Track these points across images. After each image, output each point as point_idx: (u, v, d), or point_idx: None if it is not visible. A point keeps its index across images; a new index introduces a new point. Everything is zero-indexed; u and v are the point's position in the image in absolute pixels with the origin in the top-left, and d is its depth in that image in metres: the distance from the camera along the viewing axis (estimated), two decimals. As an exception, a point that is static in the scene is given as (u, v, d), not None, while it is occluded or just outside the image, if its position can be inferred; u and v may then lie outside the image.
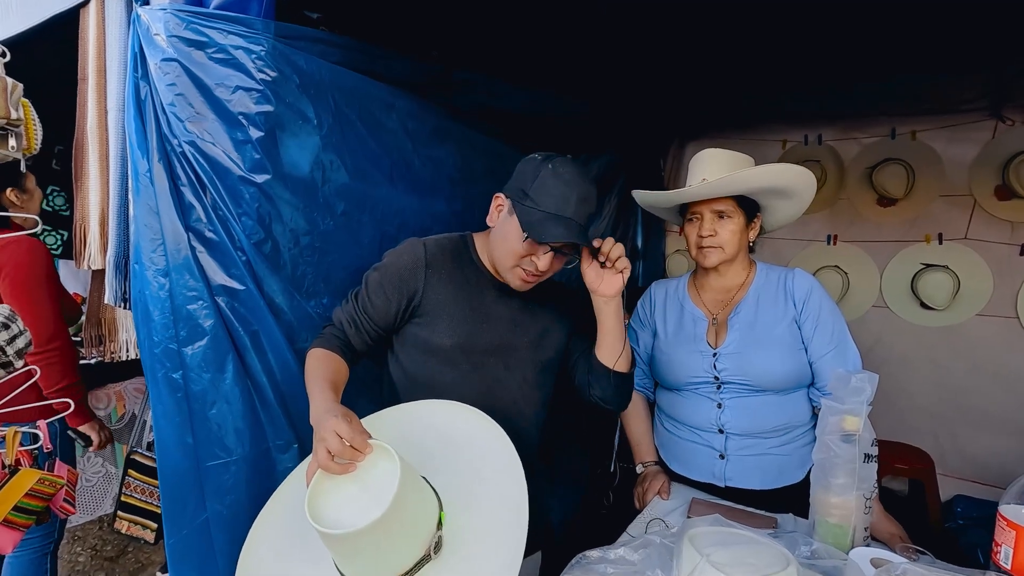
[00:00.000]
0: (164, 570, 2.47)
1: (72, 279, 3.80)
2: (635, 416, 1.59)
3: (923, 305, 2.73)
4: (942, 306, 2.68)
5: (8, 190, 1.67)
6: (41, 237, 1.87)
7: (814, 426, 1.36)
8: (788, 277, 1.41)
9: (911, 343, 2.80)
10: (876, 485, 1.07)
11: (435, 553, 0.88)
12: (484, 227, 1.27)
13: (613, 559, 0.97)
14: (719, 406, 1.39)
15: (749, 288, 1.43)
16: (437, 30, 1.86)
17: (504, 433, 1.02)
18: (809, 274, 1.42)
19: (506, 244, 1.16)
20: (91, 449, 1.81)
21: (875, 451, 1.07)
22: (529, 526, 1.31)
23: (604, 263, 1.15)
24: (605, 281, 1.16)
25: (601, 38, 2.08)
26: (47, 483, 1.10)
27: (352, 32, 1.52)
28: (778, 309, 1.39)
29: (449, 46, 1.90)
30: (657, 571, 0.92)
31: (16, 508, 1.03)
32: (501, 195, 1.20)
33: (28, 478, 1.06)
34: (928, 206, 2.73)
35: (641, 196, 1.54)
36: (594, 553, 0.99)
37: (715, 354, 1.39)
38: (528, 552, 1.31)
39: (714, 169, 1.39)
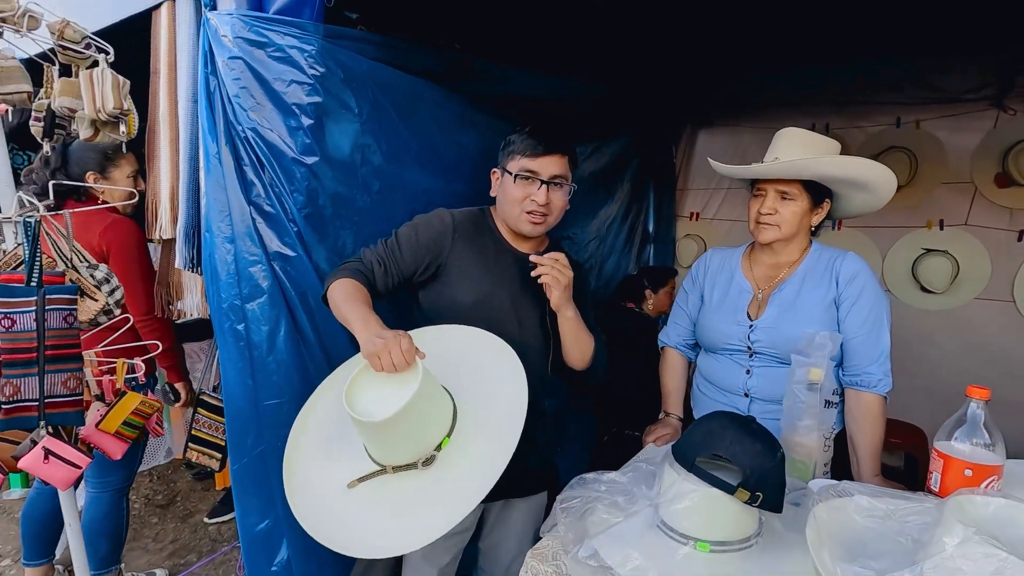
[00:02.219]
0: (209, 516, 2.74)
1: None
2: (670, 371, 1.71)
3: (923, 289, 2.85)
4: (941, 290, 2.79)
5: (88, 173, 1.87)
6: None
7: (836, 398, 1.37)
8: (839, 259, 1.41)
9: (911, 325, 2.90)
10: (834, 427, 1.24)
11: (446, 441, 1.07)
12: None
13: (605, 479, 1.16)
14: (748, 372, 1.46)
15: (798, 267, 1.45)
16: (459, 25, 2.04)
17: (515, 355, 1.19)
18: (861, 259, 1.42)
19: (506, 196, 1.38)
20: (178, 404, 2.10)
21: (836, 399, 1.24)
22: (537, 466, 1.50)
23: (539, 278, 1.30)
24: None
25: (613, 26, 2.21)
26: (146, 405, 1.33)
27: (385, 29, 1.70)
28: (821, 289, 1.40)
29: (470, 39, 2.08)
30: (642, 487, 1.10)
31: (124, 423, 1.27)
32: (496, 169, 1.43)
33: (133, 400, 1.30)
34: (931, 193, 2.83)
35: (714, 165, 1.55)
36: (590, 475, 1.17)
37: (751, 326, 1.45)
38: (535, 490, 1.51)
39: (789, 150, 1.39)
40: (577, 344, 1.40)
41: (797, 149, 1.39)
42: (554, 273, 1.27)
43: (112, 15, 1.77)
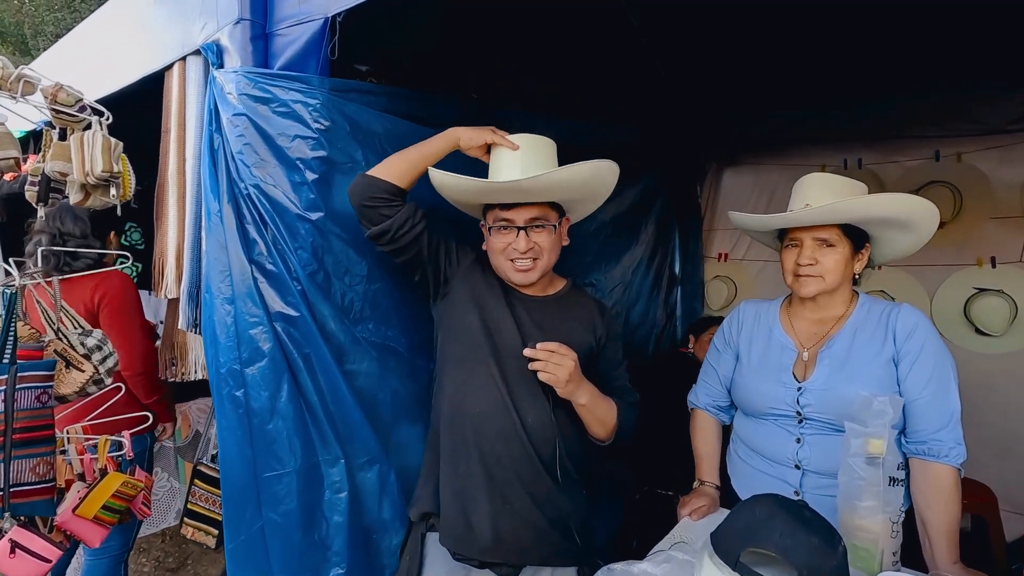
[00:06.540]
0: (220, 582, 2.61)
1: (144, 307, 4.14)
2: (702, 436, 1.55)
3: (978, 331, 2.63)
4: (999, 332, 2.57)
5: (111, 233, 1.94)
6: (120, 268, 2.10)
7: (902, 474, 1.23)
8: (893, 313, 1.28)
9: (968, 371, 2.59)
10: (903, 510, 1.07)
11: None
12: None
13: (636, 572, 1.01)
14: (798, 441, 1.31)
15: (847, 322, 1.32)
16: (475, 73, 2.01)
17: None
18: (918, 311, 1.29)
19: (490, 249, 1.37)
20: (161, 437, 2.13)
21: (902, 475, 1.08)
22: (562, 542, 1.36)
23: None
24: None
25: (636, 65, 2.17)
26: (129, 486, 1.25)
27: (397, 80, 1.67)
28: (875, 346, 1.27)
29: (487, 87, 2.04)
30: (678, 585, 0.95)
31: (104, 507, 1.18)
32: (482, 222, 1.42)
33: (114, 481, 1.21)
34: (979, 228, 2.65)
35: (736, 218, 1.45)
36: (618, 566, 1.03)
37: (799, 388, 1.30)
38: (557, 562, 1.37)
39: (820, 194, 1.29)
40: (596, 420, 1.30)
41: (827, 194, 1.28)
42: (550, 369, 1.16)
43: (127, 77, 1.79)
